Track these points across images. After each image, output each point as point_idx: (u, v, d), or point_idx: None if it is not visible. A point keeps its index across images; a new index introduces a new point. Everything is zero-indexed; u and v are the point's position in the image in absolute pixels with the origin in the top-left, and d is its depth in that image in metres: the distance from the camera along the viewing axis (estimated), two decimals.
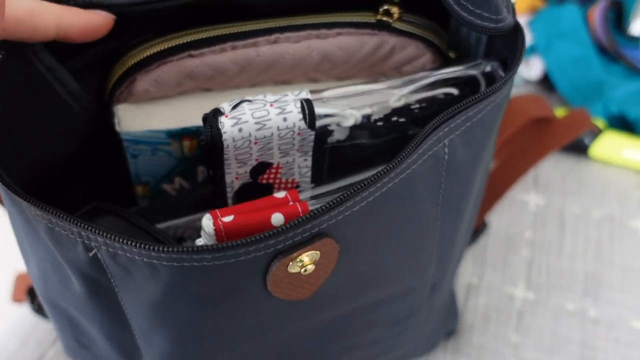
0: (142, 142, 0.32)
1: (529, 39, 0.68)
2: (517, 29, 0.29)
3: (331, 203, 0.24)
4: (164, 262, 0.23)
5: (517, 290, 0.51)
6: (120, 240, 0.23)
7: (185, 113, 0.32)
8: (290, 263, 0.24)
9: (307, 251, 0.24)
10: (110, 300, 0.27)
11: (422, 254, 0.32)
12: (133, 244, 0.23)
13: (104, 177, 0.35)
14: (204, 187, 0.36)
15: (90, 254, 0.24)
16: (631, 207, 0.57)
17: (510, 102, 0.50)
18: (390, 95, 0.30)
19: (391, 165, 0.25)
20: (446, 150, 0.28)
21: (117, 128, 0.32)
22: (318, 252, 0.25)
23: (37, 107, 0.30)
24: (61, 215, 0.23)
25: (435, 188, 0.29)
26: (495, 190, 0.50)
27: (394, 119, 0.30)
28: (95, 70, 0.32)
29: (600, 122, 0.61)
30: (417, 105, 0.31)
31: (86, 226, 0.23)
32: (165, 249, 0.22)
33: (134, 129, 0.32)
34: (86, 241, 0.24)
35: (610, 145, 0.60)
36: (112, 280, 0.25)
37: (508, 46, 0.31)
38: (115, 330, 0.29)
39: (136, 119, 0.32)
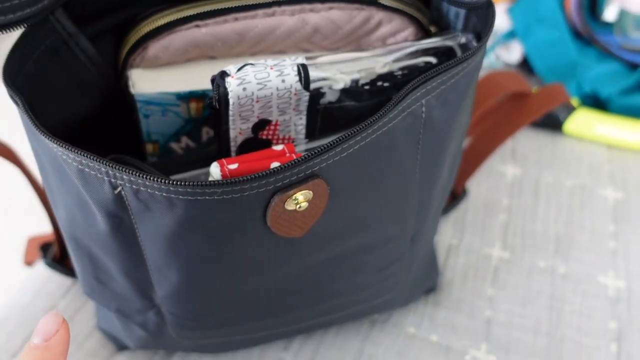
0: (154, 103, 0.34)
1: (509, 24, 0.70)
2: (489, 5, 0.32)
3: (322, 148, 0.26)
4: (180, 196, 0.26)
5: (493, 250, 0.53)
6: (144, 177, 0.25)
7: (192, 78, 0.35)
8: (287, 200, 0.27)
9: (301, 190, 0.27)
10: (129, 236, 0.29)
11: (402, 203, 0.34)
12: (155, 179, 0.25)
13: (118, 136, 0.37)
14: (208, 147, 0.38)
15: (116, 192, 0.27)
16: (601, 177, 0.60)
17: (489, 77, 0.52)
18: (376, 63, 0.32)
19: (374, 119, 0.28)
20: (423, 109, 0.30)
21: (132, 90, 0.34)
22: (311, 191, 0.27)
23: (60, 69, 0.32)
24: (92, 157, 0.26)
25: (414, 143, 0.31)
26: (475, 158, 0.53)
27: (379, 83, 0.33)
28: (111, 37, 0.35)
29: (574, 101, 0.64)
30: (400, 72, 0.33)
31: (114, 166, 0.26)
32: (182, 183, 0.25)
33: (146, 91, 0.34)
34: (112, 180, 0.26)
35: (584, 122, 0.62)
36: (132, 217, 0.28)
37: (481, 21, 0.33)
38: (132, 265, 0.31)
39: (148, 82, 0.34)
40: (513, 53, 0.70)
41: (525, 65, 0.71)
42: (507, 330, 0.47)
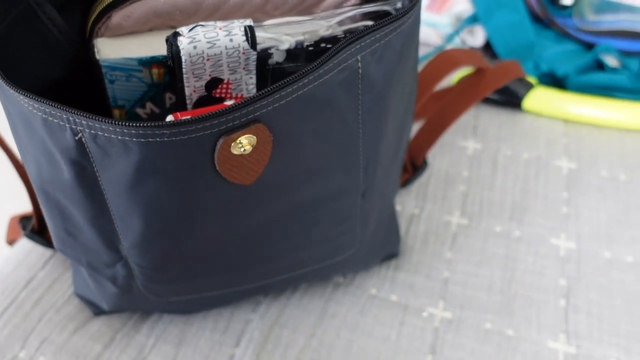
0: (118, 68, 0.37)
1: (471, 9, 0.73)
2: None
3: (261, 94, 0.29)
4: (134, 138, 0.28)
5: (453, 218, 0.56)
6: (100, 119, 0.28)
7: (153, 45, 0.37)
8: (232, 144, 0.30)
9: (244, 134, 0.30)
10: (92, 184, 0.32)
11: (349, 157, 0.37)
12: (110, 121, 0.28)
13: (86, 103, 0.40)
14: (171, 112, 0.41)
15: (77, 138, 0.29)
16: (557, 150, 0.62)
17: (445, 53, 0.55)
18: (319, 26, 0.35)
19: (309, 69, 0.30)
20: (359, 65, 0.33)
21: (97, 56, 0.37)
22: (254, 136, 0.30)
23: (30, 36, 0.35)
24: (54, 105, 0.28)
25: (355, 97, 0.34)
26: (434, 130, 0.55)
27: (323, 45, 0.35)
28: (78, 7, 0.37)
29: (532, 79, 0.67)
30: (342, 35, 0.36)
31: (74, 112, 0.28)
32: (134, 125, 0.28)
33: (111, 56, 0.37)
34: (73, 126, 0.29)
35: (541, 99, 0.65)
36: (93, 163, 0.30)
37: None
38: (97, 214, 0.34)
39: (113, 49, 0.37)
40: (477, 37, 0.73)
41: (489, 49, 0.74)
42: (463, 289, 0.50)
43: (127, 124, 0.28)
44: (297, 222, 0.38)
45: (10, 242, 0.56)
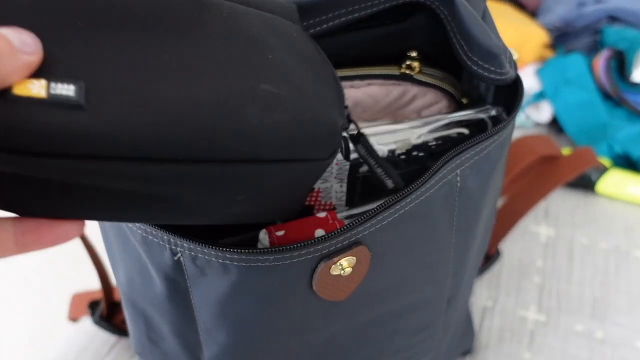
0: None
1: (538, 85, 0.70)
2: (517, 81, 0.33)
3: (364, 217, 0.28)
4: (235, 262, 0.27)
5: (529, 312, 0.53)
6: (202, 244, 0.27)
7: None
8: (333, 266, 0.28)
9: (345, 256, 0.28)
10: (183, 299, 0.31)
11: (439, 267, 0.34)
12: (212, 247, 0.27)
13: None
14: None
15: (175, 258, 0.28)
16: (636, 238, 0.59)
17: (521, 141, 0.53)
18: (411, 134, 0.34)
19: (411, 188, 0.29)
20: (458, 179, 0.31)
21: None
22: (354, 257, 0.28)
23: None
24: (156, 226, 0.27)
25: (450, 211, 0.32)
26: (508, 220, 0.53)
27: (414, 153, 0.34)
28: None
29: (605, 161, 0.63)
30: (434, 142, 0.34)
31: (175, 235, 0.27)
32: (237, 250, 0.26)
33: None
34: (173, 247, 0.28)
35: (616, 182, 0.62)
36: (187, 280, 0.29)
37: (511, 94, 0.34)
38: (184, 326, 0.32)
39: None
40: (543, 113, 0.71)
41: (554, 124, 0.72)
42: None
43: (231, 249, 0.27)
44: (380, 331, 0.36)
45: (73, 319, 0.55)
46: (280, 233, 0.28)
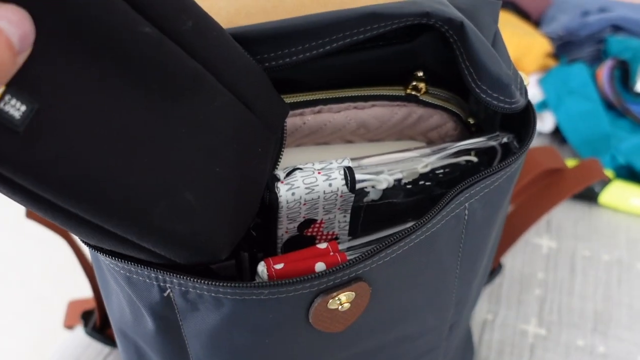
0: None
1: (540, 95, 0.69)
2: (528, 108, 0.32)
3: (366, 254, 0.27)
4: (228, 296, 0.26)
5: (529, 326, 0.52)
6: (194, 280, 0.26)
7: None
8: (330, 300, 0.27)
9: (344, 292, 0.27)
10: (174, 333, 0.29)
11: (442, 297, 0.33)
12: (204, 281, 0.25)
13: None
14: (253, 232, 0.38)
15: (165, 294, 0.27)
16: (639, 251, 0.58)
17: (527, 154, 0.52)
18: (418, 162, 0.32)
19: (418, 224, 0.27)
20: (466, 212, 0.30)
21: None
22: (353, 292, 0.27)
23: None
24: (139, 266, 0.26)
25: (456, 243, 0.31)
26: (511, 234, 0.52)
27: (421, 182, 0.33)
28: None
29: (609, 173, 0.63)
30: (442, 171, 0.33)
31: (163, 271, 0.26)
32: (232, 285, 0.25)
33: None
34: (162, 284, 0.26)
35: (619, 194, 0.61)
36: (178, 315, 0.28)
37: (522, 120, 0.33)
38: (176, 358, 0.31)
39: None
40: (545, 123, 0.70)
41: (557, 134, 0.71)
42: None
43: (224, 283, 0.25)
44: (380, 359, 0.35)
45: (69, 327, 0.54)
46: (279, 266, 0.27)
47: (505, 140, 0.33)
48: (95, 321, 0.49)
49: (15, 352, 1.14)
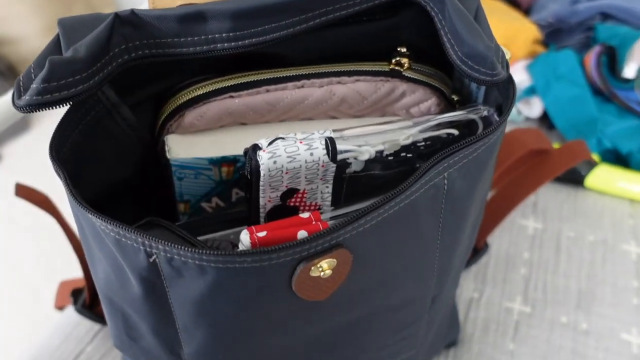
0: (187, 167, 0.35)
1: (529, 80, 0.69)
2: (510, 81, 0.32)
3: (346, 220, 0.26)
4: (212, 264, 0.26)
5: (515, 304, 0.52)
6: (178, 247, 0.26)
7: (224, 144, 0.35)
8: (312, 268, 0.27)
9: (325, 259, 0.27)
10: (161, 299, 0.29)
11: (424, 268, 0.34)
12: (188, 249, 0.26)
13: (151, 195, 0.38)
14: (236, 206, 0.38)
15: (151, 260, 0.27)
16: (623, 232, 0.58)
17: (512, 134, 0.52)
18: (400, 134, 0.32)
19: (397, 191, 0.27)
20: (445, 182, 0.30)
21: (168, 155, 0.35)
22: (335, 260, 0.27)
23: (102, 137, 0.33)
24: (129, 229, 0.26)
25: (437, 213, 0.31)
26: (497, 214, 0.52)
27: (403, 154, 0.33)
28: (149, 105, 0.35)
29: (595, 156, 0.63)
30: (423, 143, 0.33)
31: (149, 237, 0.26)
32: (215, 253, 0.25)
33: (181, 156, 0.34)
34: (148, 249, 0.27)
35: (605, 177, 0.61)
36: (164, 282, 0.28)
37: (502, 94, 0.33)
38: (162, 326, 0.31)
39: (183, 147, 0.35)
40: (534, 108, 0.70)
41: (545, 119, 0.70)
42: None
43: (207, 251, 0.25)
44: (363, 330, 0.35)
45: (60, 307, 0.54)
46: (262, 234, 0.27)
47: (485, 113, 0.33)
48: (85, 299, 0.49)
49: (6, 339, 1.15)
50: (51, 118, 1.62)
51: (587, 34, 0.73)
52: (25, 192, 0.43)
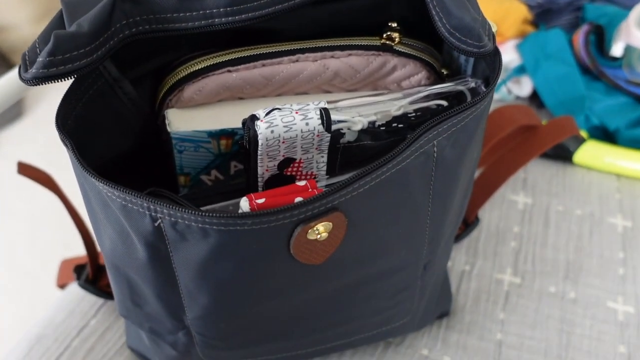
0: (187, 140, 0.36)
1: (518, 60, 0.71)
2: (496, 53, 0.33)
3: (341, 184, 0.28)
4: (214, 227, 0.28)
5: (505, 276, 0.54)
6: (182, 210, 0.27)
7: (222, 117, 0.37)
8: (309, 230, 0.29)
9: (322, 222, 0.29)
10: (165, 264, 0.31)
11: (416, 234, 0.35)
12: (192, 212, 0.27)
13: (153, 167, 0.39)
14: (235, 179, 0.40)
15: (156, 224, 0.29)
16: (610, 206, 0.60)
17: (500, 110, 0.53)
18: (391, 106, 0.34)
19: (388, 157, 0.29)
20: (435, 149, 0.32)
21: (168, 128, 0.36)
22: (331, 223, 0.29)
23: (105, 110, 0.35)
24: (134, 194, 0.28)
25: (427, 180, 0.33)
26: (487, 188, 0.53)
27: (394, 124, 0.34)
28: (150, 80, 0.37)
29: (583, 133, 0.64)
30: (414, 114, 0.35)
31: (155, 201, 0.28)
32: (217, 215, 0.27)
33: (181, 129, 0.36)
34: (153, 213, 0.28)
35: (593, 153, 0.63)
36: (168, 246, 0.30)
37: (490, 66, 0.35)
38: (166, 290, 0.33)
39: (183, 121, 0.36)
40: (524, 87, 0.72)
41: (535, 98, 0.72)
42: (518, 353, 0.48)
43: (210, 214, 0.27)
44: (358, 295, 0.37)
45: (61, 286, 0.56)
46: (261, 201, 0.29)
47: (473, 85, 0.35)
48: (88, 274, 0.51)
49: (4, 310, 1.16)
50: (44, 106, 1.62)
51: (576, 14, 0.74)
52: (28, 171, 0.44)
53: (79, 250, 1.08)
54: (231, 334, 0.36)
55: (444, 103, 0.35)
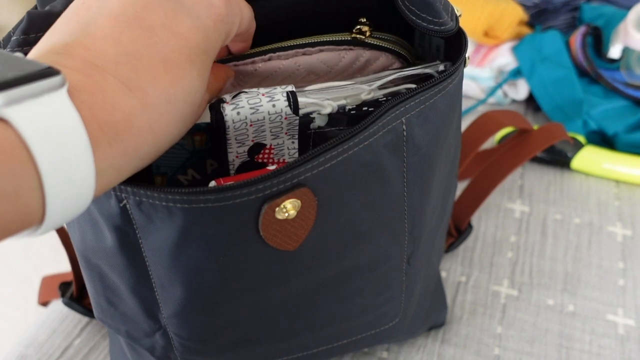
0: None
1: (514, 62, 0.70)
2: (460, 33, 0.34)
3: (304, 157, 0.28)
4: (178, 204, 0.27)
5: (502, 288, 0.52)
6: (145, 187, 0.27)
7: None
8: (277, 209, 0.28)
9: (289, 198, 0.28)
10: (134, 251, 0.30)
11: (394, 219, 0.34)
12: (154, 188, 0.27)
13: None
14: (212, 179, 0.39)
15: (121, 204, 0.28)
16: (609, 214, 0.58)
17: (487, 115, 0.52)
18: (361, 90, 0.34)
19: (354, 130, 0.29)
20: (404, 127, 0.31)
21: None
22: (299, 200, 0.28)
23: None
24: None
25: (399, 161, 0.32)
26: (478, 194, 0.52)
27: (365, 109, 0.34)
28: None
29: (580, 138, 0.63)
30: (384, 99, 0.34)
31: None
32: (179, 191, 0.27)
33: None
34: (118, 193, 0.28)
35: (591, 158, 0.61)
36: (136, 230, 0.29)
37: (457, 50, 0.35)
38: (139, 282, 0.32)
39: None
40: (520, 91, 0.70)
41: (531, 101, 0.71)
42: None
43: (172, 190, 0.26)
44: (341, 291, 0.36)
45: (43, 303, 0.54)
46: (231, 184, 0.28)
47: (442, 67, 0.35)
48: (73, 291, 0.50)
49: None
50: None
51: (573, 14, 0.73)
52: None
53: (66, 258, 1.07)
54: (208, 335, 0.35)
55: (413, 87, 0.34)
